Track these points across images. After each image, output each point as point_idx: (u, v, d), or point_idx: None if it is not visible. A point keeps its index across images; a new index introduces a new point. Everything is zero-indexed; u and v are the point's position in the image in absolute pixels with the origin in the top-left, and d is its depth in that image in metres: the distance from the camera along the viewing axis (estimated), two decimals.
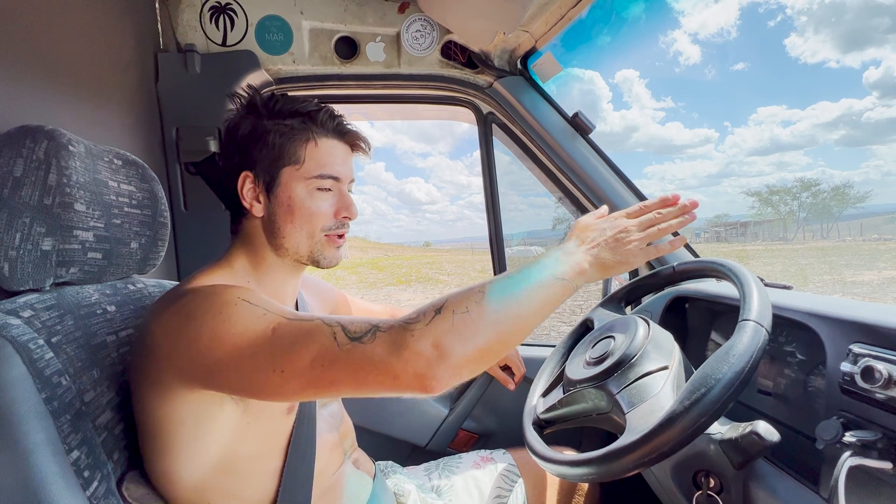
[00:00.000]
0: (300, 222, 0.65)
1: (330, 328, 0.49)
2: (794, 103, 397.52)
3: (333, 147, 0.67)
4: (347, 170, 0.69)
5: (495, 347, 0.50)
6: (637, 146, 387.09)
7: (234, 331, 0.49)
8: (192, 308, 0.53)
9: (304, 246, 0.66)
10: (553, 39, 1.11)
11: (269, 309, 0.52)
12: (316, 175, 0.65)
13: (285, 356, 0.48)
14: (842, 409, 0.53)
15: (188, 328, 0.51)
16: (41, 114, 0.71)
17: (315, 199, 0.65)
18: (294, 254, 0.67)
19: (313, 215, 0.65)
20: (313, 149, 0.65)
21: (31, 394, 0.46)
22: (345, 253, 0.74)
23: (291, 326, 0.50)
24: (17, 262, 0.53)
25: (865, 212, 71.62)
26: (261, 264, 0.68)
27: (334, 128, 0.68)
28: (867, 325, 0.55)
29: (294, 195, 0.65)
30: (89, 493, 0.49)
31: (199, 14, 1.09)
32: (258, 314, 0.51)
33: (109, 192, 0.63)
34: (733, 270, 0.67)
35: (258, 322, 0.50)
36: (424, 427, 1.20)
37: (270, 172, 0.65)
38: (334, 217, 0.67)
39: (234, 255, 0.68)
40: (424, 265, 23.89)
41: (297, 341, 0.49)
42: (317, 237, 0.66)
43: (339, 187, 0.68)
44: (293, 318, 0.51)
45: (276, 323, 0.50)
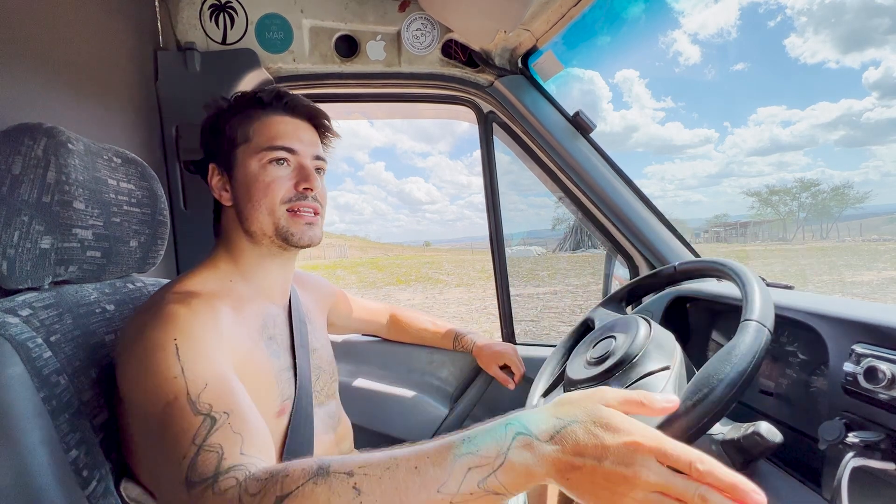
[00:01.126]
0: (258, 197, 0.65)
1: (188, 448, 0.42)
2: (793, 104, 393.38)
3: (283, 122, 0.68)
4: (304, 145, 0.68)
5: None
6: (637, 146, 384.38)
7: (147, 381, 0.48)
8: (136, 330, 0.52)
9: (267, 222, 0.65)
10: (554, 38, 1.10)
11: (185, 369, 0.48)
12: (265, 147, 0.66)
13: (156, 448, 0.45)
14: (844, 410, 0.53)
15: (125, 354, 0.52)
16: (40, 111, 0.70)
17: (268, 171, 0.66)
18: (262, 234, 0.66)
19: (268, 187, 0.65)
20: (260, 125, 0.67)
21: (30, 393, 0.46)
22: (345, 252, 0.74)
23: (177, 413, 0.45)
24: (15, 261, 0.52)
25: (865, 212, 71.69)
26: (240, 258, 0.68)
27: (283, 105, 0.69)
28: (870, 325, 0.55)
29: (248, 171, 0.66)
30: (88, 492, 0.49)
31: (199, 12, 1.08)
32: (171, 374, 0.47)
33: (109, 190, 0.62)
34: (735, 270, 0.67)
35: (163, 386, 0.47)
36: (424, 427, 1.20)
37: (228, 157, 0.68)
38: (294, 189, 0.66)
39: (217, 255, 0.69)
40: (424, 265, 23.91)
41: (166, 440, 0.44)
42: (278, 211, 0.65)
43: (297, 160, 0.68)
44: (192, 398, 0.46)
45: (174, 396, 0.46)
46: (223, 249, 0.69)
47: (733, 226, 60.08)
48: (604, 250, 1.34)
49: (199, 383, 0.47)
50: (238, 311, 0.62)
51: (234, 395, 0.48)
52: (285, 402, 0.64)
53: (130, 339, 0.52)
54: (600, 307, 0.89)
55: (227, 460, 0.41)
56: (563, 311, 8.23)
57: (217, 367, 0.51)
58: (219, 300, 0.60)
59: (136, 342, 0.51)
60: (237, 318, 0.61)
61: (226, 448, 0.42)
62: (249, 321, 0.64)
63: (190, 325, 0.53)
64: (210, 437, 0.42)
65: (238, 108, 0.69)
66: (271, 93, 0.69)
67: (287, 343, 0.70)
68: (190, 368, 0.48)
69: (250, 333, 0.63)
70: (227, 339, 0.57)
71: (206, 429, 0.43)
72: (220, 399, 0.47)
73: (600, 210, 1.14)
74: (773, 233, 61.20)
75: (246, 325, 0.63)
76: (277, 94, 0.69)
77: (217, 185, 0.69)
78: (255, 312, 0.66)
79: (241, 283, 0.67)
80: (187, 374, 0.48)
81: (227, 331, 0.58)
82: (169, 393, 0.46)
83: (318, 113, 0.73)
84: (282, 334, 0.70)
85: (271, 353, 0.65)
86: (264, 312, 0.68)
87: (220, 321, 0.57)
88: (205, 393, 0.47)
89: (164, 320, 0.52)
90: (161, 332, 0.51)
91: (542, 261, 23.15)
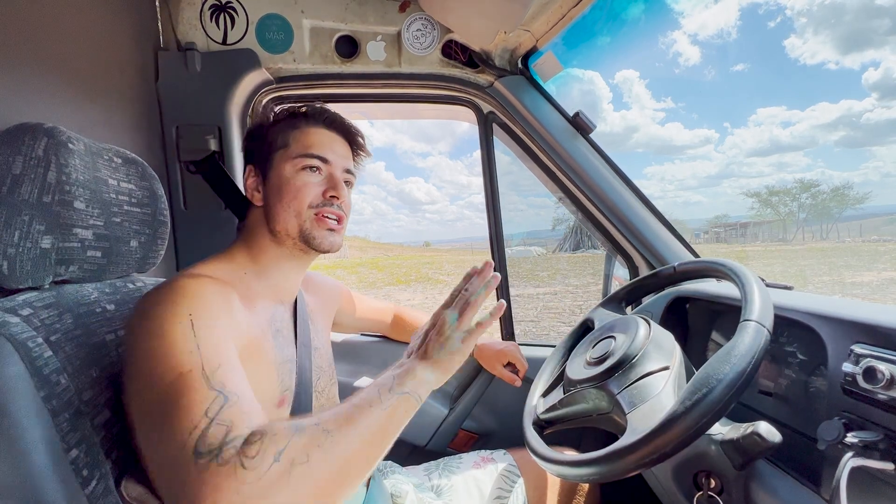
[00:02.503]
0: (288, 199, 0.68)
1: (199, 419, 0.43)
2: (793, 104, 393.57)
3: (320, 133, 0.73)
4: (337, 156, 0.72)
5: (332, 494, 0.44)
6: (637, 146, 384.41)
7: (156, 351, 0.48)
8: (147, 307, 0.52)
9: (293, 224, 0.68)
10: (554, 39, 1.11)
11: (201, 345, 0.49)
12: (301, 154, 0.69)
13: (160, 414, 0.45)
14: (843, 410, 0.53)
15: (136, 332, 0.51)
16: (40, 111, 0.71)
17: (301, 176, 0.69)
18: (287, 236, 0.68)
19: (299, 191, 0.68)
20: (300, 134, 0.72)
21: (30, 392, 0.46)
22: (345, 253, 0.75)
23: (191, 384, 0.46)
24: (16, 260, 0.52)
25: (865, 213, 71.67)
26: (260, 255, 0.70)
27: (323, 119, 0.74)
28: (869, 326, 0.55)
29: (282, 174, 0.69)
30: (88, 491, 0.49)
31: (200, 12, 1.09)
32: (187, 348, 0.48)
33: (109, 190, 0.62)
34: (734, 270, 0.67)
35: (178, 357, 0.47)
36: (424, 427, 1.20)
37: (265, 160, 0.72)
38: (322, 196, 0.70)
39: (235, 249, 0.71)
40: (424, 265, 23.91)
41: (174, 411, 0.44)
42: (304, 214, 0.68)
43: (328, 170, 0.71)
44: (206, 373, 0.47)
45: (189, 369, 0.47)
46: (243, 245, 0.71)
47: (733, 226, 60.09)
48: (603, 251, 1.34)
49: (214, 362, 0.49)
50: (248, 302, 0.64)
51: (244, 383, 0.50)
52: (285, 393, 0.65)
53: (144, 311, 0.52)
54: (600, 307, 0.90)
55: (233, 432, 0.43)
56: (562, 312, 8.22)
57: (229, 352, 0.52)
58: (231, 287, 0.61)
59: (150, 314, 0.51)
60: (247, 307, 0.63)
61: (235, 424, 0.44)
62: (259, 313, 0.65)
63: (205, 304, 0.54)
64: (222, 413, 0.44)
65: (283, 117, 0.74)
66: (316, 108, 0.75)
67: (291, 338, 0.72)
68: (205, 346, 0.50)
69: (259, 323, 0.64)
70: (237, 324, 0.58)
71: (220, 404, 0.45)
72: (232, 381, 0.48)
73: (600, 210, 1.14)
74: (772, 233, 61.20)
75: (256, 316, 0.64)
76: (320, 109, 0.75)
77: (251, 186, 0.72)
78: (264, 307, 0.67)
79: (255, 278, 0.69)
80: (202, 351, 0.49)
81: (237, 315, 0.59)
82: (184, 364, 0.47)
83: (355, 131, 0.77)
84: (287, 330, 0.71)
85: (277, 345, 0.66)
86: (272, 309, 0.69)
87: (231, 305, 0.59)
88: (219, 371, 0.48)
89: (179, 294, 0.53)
90: (177, 306, 0.52)
91: (542, 261, 23.15)
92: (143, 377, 0.48)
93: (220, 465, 0.40)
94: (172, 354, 0.47)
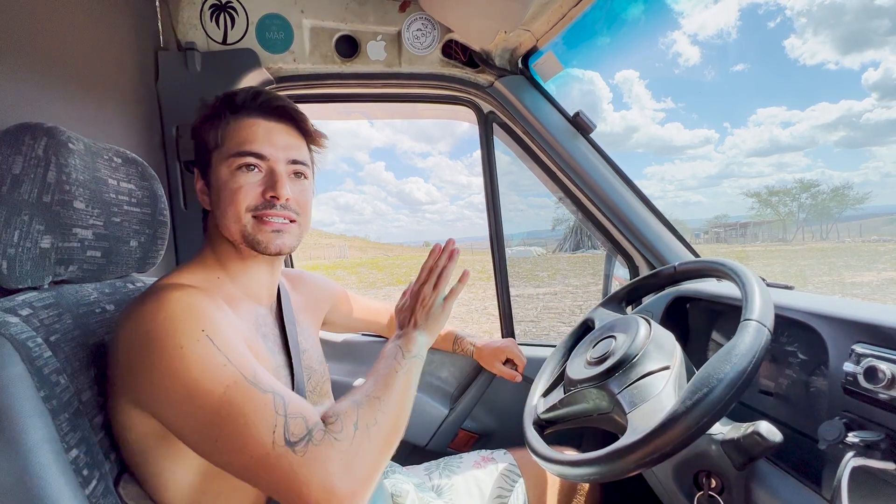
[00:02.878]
0: (225, 203, 0.63)
1: (274, 418, 0.48)
2: (793, 104, 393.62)
3: (254, 125, 0.65)
4: (277, 149, 0.65)
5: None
6: (637, 147, 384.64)
7: (189, 374, 0.48)
8: (154, 327, 0.50)
9: (234, 229, 0.64)
10: (554, 39, 1.11)
11: (230, 357, 0.50)
12: (234, 153, 0.63)
13: (224, 428, 0.48)
14: (844, 410, 0.53)
15: (147, 352, 0.50)
16: (41, 111, 0.70)
17: (236, 178, 0.63)
18: (231, 237, 0.65)
19: (234, 194, 0.63)
20: (232, 129, 0.64)
21: (30, 392, 0.46)
22: (345, 253, 0.74)
23: (244, 393, 0.49)
24: (15, 260, 0.52)
25: (864, 213, 71.66)
26: (225, 259, 0.68)
27: (257, 107, 0.65)
28: (870, 325, 0.55)
29: (220, 177, 0.64)
30: (88, 491, 0.49)
31: (200, 12, 1.08)
32: (218, 363, 0.49)
33: (109, 190, 0.62)
34: (735, 270, 0.67)
35: (215, 373, 0.49)
36: (424, 426, 1.20)
37: (203, 162, 0.67)
38: (262, 196, 0.63)
39: (203, 253, 0.69)
40: None
41: (240, 418, 0.48)
42: (244, 219, 0.63)
43: (268, 166, 0.64)
44: (251, 381, 0.50)
45: (233, 380, 0.49)
46: (209, 248, 0.69)
47: (733, 226, 60.08)
48: (604, 251, 1.34)
49: (249, 369, 0.51)
50: (232, 305, 0.62)
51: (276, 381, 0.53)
52: None
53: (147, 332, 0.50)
54: (600, 307, 0.89)
55: (311, 420, 0.51)
56: (562, 312, 8.22)
57: (250, 355, 0.54)
58: (212, 292, 0.60)
59: (157, 334, 0.50)
60: (233, 310, 0.62)
61: (306, 414, 0.51)
62: (244, 317, 0.64)
63: (208, 315, 0.53)
64: (289, 408, 0.50)
65: (211, 111, 0.66)
66: (245, 93, 0.66)
67: (279, 342, 0.70)
68: (233, 356, 0.51)
69: (248, 328, 0.63)
70: (238, 327, 0.59)
71: (282, 402, 0.50)
72: (272, 381, 0.52)
73: (600, 210, 1.14)
74: (772, 233, 61.20)
75: (242, 319, 0.63)
76: (252, 94, 0.66)
77: (200, 190, 0.69)
78: (246, 311, 0.66)
79: (228, 281, 0.67)
80: (234, 362, 0.51)
81: (233, 319, 0.59)
82: (226, 378, 0.49)
83: (298, 115, 0.69)
84: (273, 333, 0.70)
85: (268, 350, 0.65)
86: (254, 312, 0.68)
87: (225, 311, 0.58)
88: (258, 376, 0.51)
89: (180, 310, 0.52)
90: (186, 323, 0.51)
91: (542, 261, 23.15)
92: (185, 400, 0.49)
93: (318, 445, 0.49)
94: (209, 372, 0.49)
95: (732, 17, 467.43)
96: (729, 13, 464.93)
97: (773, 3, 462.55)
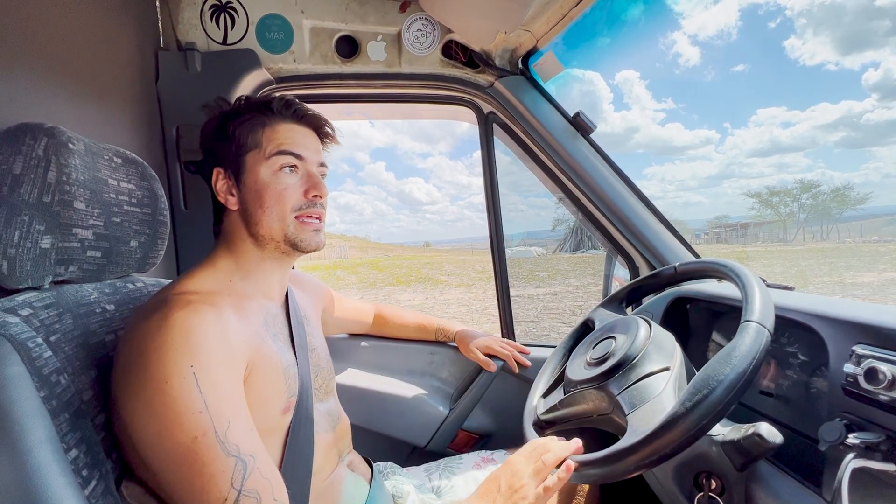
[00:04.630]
0: (269, 204, 0.66)
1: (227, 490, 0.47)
2: (793, 105, 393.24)
3: (291, 129, 0.69)
4: (311, 151, 0.70)
5: None
6: (638, 147, 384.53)
7: (165, 413, 0.48)
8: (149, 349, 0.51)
9: (277, 229, 0.66)
10: (554, 39, 1.11)
11: (208, 403, 0.50)
12: (277, 152, 0.67)
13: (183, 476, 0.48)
14: (845, 411, 0.53)
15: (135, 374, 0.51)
16: (41, 111, 0.70)
17: (280, 179, 0.67)
18: (271, 240, 0.67)
19: (280, 195, 0.66)
20: (270, 132, 0.68)
21: (30, 392, 0.46)
22: (345, 253, 0.74)
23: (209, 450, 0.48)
24: (16, 260, 0.52)
25: (865, 213, 71.63)
26: (243, 259, 0.68)
27: (291, 114, 0.70)
28: (870, 327, 0.55)
29: (259, 178, 0.66)
30: (88, 491, 0.49)
31: (200, 12, 1.09)
32: (195, 408, 0.49)
33: (109, 190, 0.62)
34: (735, 271, 0.67)
35: (188, 419, 0.49)
36: (424, 427, 1.20)
37: (236, 162, 0.68)
38: (304, 196, 0.68)
39: (217, 255, 0.69)
40: (424, 265, 23.90)
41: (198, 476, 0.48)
42: (288, 219, 0.67)
43: (305, 167, 0.69)
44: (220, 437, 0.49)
45: (202, 432, 0.49)
46: (224, 250, 0.69)
47: (733, 227, 60.05)
48: (604, 251, 1.34)
49: (224, 420, 0.50)
50: (240, 309, 0.62)
51: (253, 433, 0.52)
52: (291, 399, 0.65)
53: (141, 352, 0.51)
54: (600, 308, 0.89)
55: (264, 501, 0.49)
56: (563, 313, 8.22)
57: (234, 396, 0.53)
58: (221, 298, 0.60)
59: (149, 361, 0.50)
60: (241, 315, 0.61)
61: (262, 495, 0.49)
62: (252, 318, 0.64)
63: (204, 348, 0.52)
64: (246, 483, 0.49)
65: (247, 112, 0.69)
66: (280, 101, 0.70)
67: (288, 341, 0.71)
68: (212, 403, 0.50)
69: (256, 329, 0.63)
70: (238, 344, 0.57)
71: (241, 473, 0.49)
72: (244, 440, 0.51)
73: (600, 211, 1.14)
74: (773, 234, 61.18)
75: (251, 322, 0.63)
76: (286, 102, 0.70)
77: (223, 190, 0.68)
78: (256, 309, 0.66)
79: (241, 282, 0.67)
80: (211, 410, 0.50)
81: (235, 334, 0.57)
82: (196, 428, 0.48)
83: (324, 122, 0.74)
84: (282, 332, 0.70)
85: (278, 349, 0.65)
86: (265, 310, 0.68)
87: (227, 326, 0.56)
88: (230, 432, 0.50)
89: (178, 338, 0.51)
90: (177, 354, 0.50)
91: (542, 262, 23.15)
92: (155, 436, 0.49)
93: None
94: (183, 417, 0.49)
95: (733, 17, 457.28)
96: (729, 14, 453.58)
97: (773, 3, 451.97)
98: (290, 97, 0.72)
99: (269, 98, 0.70)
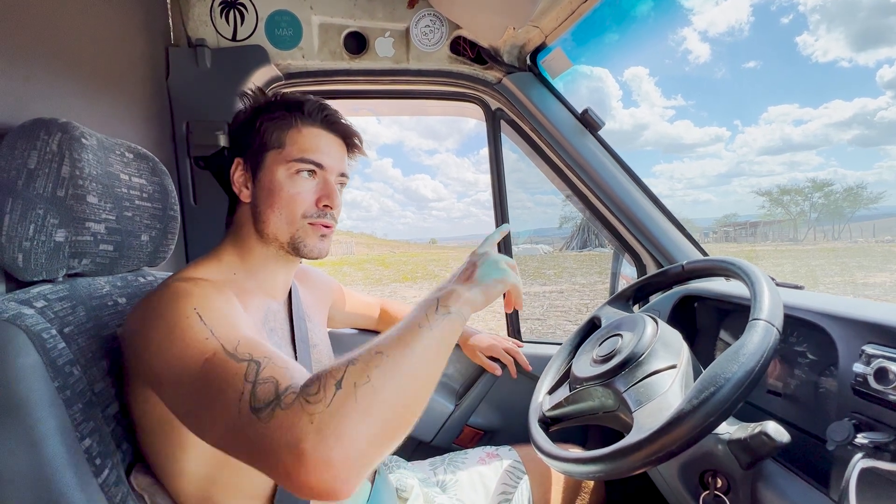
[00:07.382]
0: (279, 206, 0.66)
1: (242, 385, 0.44)
2: (806, 102, 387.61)
3: (318, 135, 0.69)
4: (334, 161, 0.69)
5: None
6: (647, 144, 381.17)
7: (174, 350, 0.48)
8: (152, 311, 0.52)
9: (283, 231, 0.66)
10: (563, 35, 1.10)
11: (214, 330, 0.50)
12: (296, 158, 0.66)
13: (200, 400, 0.46)
14: (853, 411, 0.53)
15: (143, 332, 0.51)
16: (55, 107, 0.72)
17: (295, 183, 0.66)
18: (275, 240, 0.67)
19: (292, 199, 0.66)
20: (296, 134, 0.67)
21: (45, 382, 0.47)
22: (352, 249, 0.74)
23: (219, 364, 0.47)
24: (30, 253, 0.53)
25: (878, 213, 70.45)
26: (248, 254, 0.69)
27: (322, 118, 0.69)
28: (881, 326, 0.54)
29: (275, 178, 0.66)
30: (101, 480, 0.50)
31: (210, 9, 1.09)
32: (202, 336, 0.49)
33: (121, 184, 0.63)
34: (744, 269, 0.66)
35: (197, 346, 0.48)
36: (430, 422, 1.21)
37: (256, 157, 0.68)
38: (315, 205, 0.67)
39: (223, 248, 0.69)
40: (430, 262, 23.93)
41: (212, 390, 0.45)
42: (297, 223, 0.66)
43: (323, 176, 0.68)
44: (229, 352, 0.48)
45: (212, 352, 0.47)
46: (231, 243, 0.70)
47: (743, 225, 59.38)
48: (611, 249, 1.34)
49: (232, 340, 0.49)
50: (241, 302, 0.63)
51: (268, 346, 0.50)
52: None
53: (145, 320, 0.52)
54: (607, 305, 0.89)
55: (283, 383, 0.44)
56: (569, 310, 8.20)
57: (244, 329, 0.52)
58: (224, 286, 0.61)
59: (154, 320, 0.51)
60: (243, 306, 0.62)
61: (279, 378, 0.45)
62: (252, 312, 0.65)
63: (207, 298, 0.53)
64: (261, 374, 0.45)
65: (277, 110, 0.69)
66: (314, 104, 0.69)
67: (287, 337, 0.71)
68: (218, 330, 0.50)
69: (255, 323, 0.64)
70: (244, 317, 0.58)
71: (255, 369, 0.46)
72: (256, 349, 0.48)
73: (608, 208, 1.14)
74: (783, 233, 60.41)
75: (250, 315, 0.64)
76: (319, 106, 0.70)
77: (239, 181, 0.69)
78: (257, 306, 0.67)
79: (245, 276, 0.68)
80: (217, 334, 0.49)
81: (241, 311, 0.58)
82: (205, 351, 0.47)
83: (353, 132, 0.73)
84: (282, 328, 0.71)
85: (275, 344, 0.66)
86: (265, 307, 0.69)
87: (233, 302, 0.58)
88: (240, 346, 0.48)
89: (179, 296, 0.53)
90: (179, 304, 0.52)
91: (549, 259, 23.07)
92: (170, 379, 0.48)
93: (285, 409, 0.42)
94: (190, 346, 0.48)
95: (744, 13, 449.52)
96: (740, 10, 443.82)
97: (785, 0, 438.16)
98: (323, 102, 0.70)
99: (303, 99, 0.69)
